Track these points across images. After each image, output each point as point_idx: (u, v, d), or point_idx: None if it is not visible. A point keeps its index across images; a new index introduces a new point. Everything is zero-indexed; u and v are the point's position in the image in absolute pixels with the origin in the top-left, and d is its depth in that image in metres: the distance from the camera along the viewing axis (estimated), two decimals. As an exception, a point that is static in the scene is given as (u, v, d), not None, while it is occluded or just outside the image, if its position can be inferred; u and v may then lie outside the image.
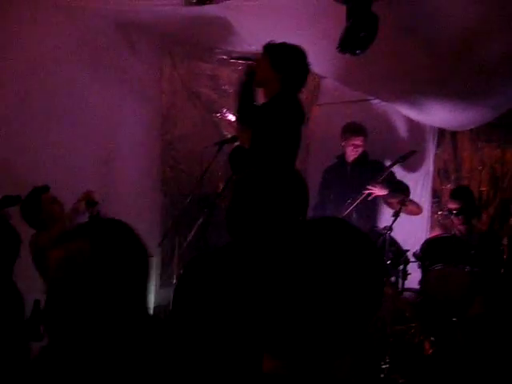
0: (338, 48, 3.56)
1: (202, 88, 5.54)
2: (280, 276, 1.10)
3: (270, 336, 1.10)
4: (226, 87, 5.54)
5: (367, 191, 5.01)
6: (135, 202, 4.91)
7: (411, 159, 5.31)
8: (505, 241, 4.69)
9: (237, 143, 3.95)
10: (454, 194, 5.10)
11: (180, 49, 5.35)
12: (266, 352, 1.11)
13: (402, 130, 5.83)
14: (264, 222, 1.93)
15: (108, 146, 4.86)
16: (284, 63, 3.37)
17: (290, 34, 3.56)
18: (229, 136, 4.67)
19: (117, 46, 4.82)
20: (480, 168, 5.61)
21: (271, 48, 3.43)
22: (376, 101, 5.63)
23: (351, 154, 5.30)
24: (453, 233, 4.98)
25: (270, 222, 1.93)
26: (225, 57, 5.52)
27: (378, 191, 5.03)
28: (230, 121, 5.49)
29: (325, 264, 1.07)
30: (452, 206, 5.01)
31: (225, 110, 5.58)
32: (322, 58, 4.21)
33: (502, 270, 4.53)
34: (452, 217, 5.02)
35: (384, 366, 3.86)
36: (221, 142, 4.37)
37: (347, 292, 1.07)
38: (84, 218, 3.65)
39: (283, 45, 3.41)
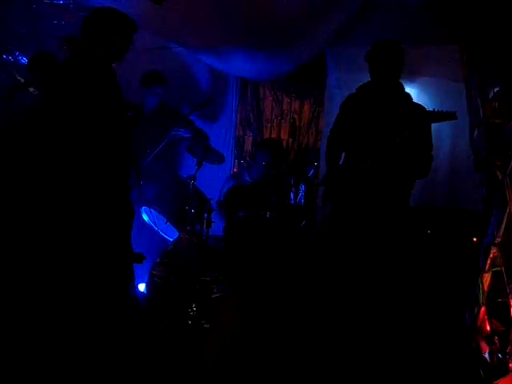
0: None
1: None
2: None
3: None
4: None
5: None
6: None
7: (214, 109, 5.37)
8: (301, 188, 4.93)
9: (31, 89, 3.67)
10: (264, 145, 5.24)
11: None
12: None
13: (205, 80, 5.85)
14: None
15: None
16: None
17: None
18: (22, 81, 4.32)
19: None
20: (279, 118, 5.83)
21: None
22: (178, 49, 5.53)
23: (151, 102, 5.19)
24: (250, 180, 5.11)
25: None
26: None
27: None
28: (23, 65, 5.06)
29: None
30: (266, 159, 5.10)
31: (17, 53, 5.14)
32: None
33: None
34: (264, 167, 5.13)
35: (191, 313, 3.93)
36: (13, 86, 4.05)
37: None
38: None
39: None
